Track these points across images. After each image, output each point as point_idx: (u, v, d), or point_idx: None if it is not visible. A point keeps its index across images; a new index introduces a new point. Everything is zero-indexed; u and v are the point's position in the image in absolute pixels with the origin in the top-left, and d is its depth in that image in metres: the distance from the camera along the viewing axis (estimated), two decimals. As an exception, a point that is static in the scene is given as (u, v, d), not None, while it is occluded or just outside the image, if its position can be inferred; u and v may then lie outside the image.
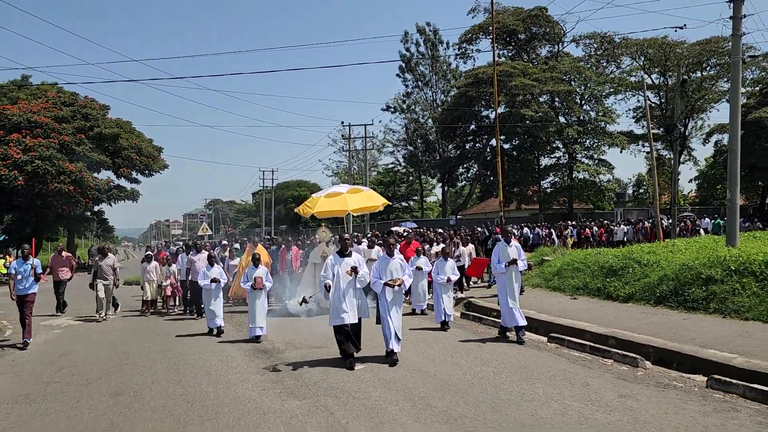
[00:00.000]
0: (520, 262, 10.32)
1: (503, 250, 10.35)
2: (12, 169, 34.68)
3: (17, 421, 6.42)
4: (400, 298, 8.97)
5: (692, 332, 9.79)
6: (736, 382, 6.78)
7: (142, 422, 6.18)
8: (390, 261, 8.92)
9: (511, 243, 10.49)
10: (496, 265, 10.34)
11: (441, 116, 49.00)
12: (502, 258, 10.28)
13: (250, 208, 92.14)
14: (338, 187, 17.71)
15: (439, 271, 12.22)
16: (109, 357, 9.79)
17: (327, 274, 8.59)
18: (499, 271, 10.32)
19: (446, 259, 12.37)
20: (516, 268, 10.30)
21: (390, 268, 8.83)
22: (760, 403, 6.18)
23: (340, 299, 8.47)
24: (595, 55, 47.36)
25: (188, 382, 7.86)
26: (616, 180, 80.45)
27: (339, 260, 8.70)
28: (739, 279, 11.53)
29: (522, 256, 10.42)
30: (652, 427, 5.49)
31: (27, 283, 11.31)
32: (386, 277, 8.74)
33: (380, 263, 8.99)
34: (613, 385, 7.00)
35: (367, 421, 5.94)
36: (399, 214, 61.25)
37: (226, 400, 6.88)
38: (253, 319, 10.70)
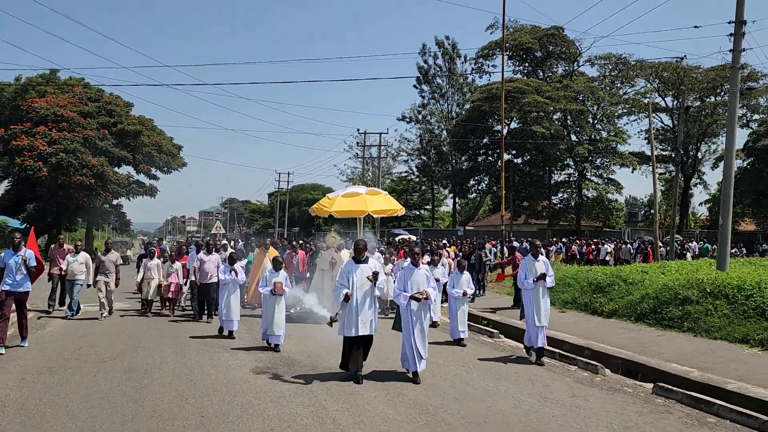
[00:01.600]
0: (548, 278, 9.76)
1: (530, 265, 9.81)
2: (37, 160, 36.07)
3: (42, 389, 7.36)
4: (426, 313, 8.33)
5: (662, 348, 10.51)
6: (676, 389, 7.57)
7: (150, 395, 7.10)
8: (415, 271, 8.24)
9: (539, 258, 9.95)
10: (522, 280, 9.84)
11: (455, 128, 49.88)
12: (529, 273, 9.75)
13: (265, 208, 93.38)
14: (356, 188, 17.22)
15: (455, 284, 11.62)
16: (123, 341, 10.73)
17: (343, 282, 7.92)
18: (526, 287, 9.76)
19: (462, 272, 11.73)
20: (544, 284, 9.71)
21: (415, 280, 8.15)
22: (693, 408, 6.97)
23: (355, 309, 7.82)
24: (610, 76, 48.00)
25: (192, 364, 8.79)
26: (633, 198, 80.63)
27: (355, 267, 7.98)
28: (713, 301, 12.26)
29: (550, 271, 9.90)
30: (590, 421, 6.33)
31: (18, 278, 9.70)
32: (411, 289, 8.09)
33: (405, 274, 8.33)
34: (569, 387, 7.82)
35: (345, 403, 6.81)
36: (410, 222, 62.03)
37: (224, 381, 7.79)
38: (270, 326, 9.98)
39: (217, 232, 55.61)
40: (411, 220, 62.73)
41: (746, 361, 9.25)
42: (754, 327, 10.81)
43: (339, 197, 15.73)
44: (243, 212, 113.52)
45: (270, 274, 10.35)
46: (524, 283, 9.78)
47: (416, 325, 8.07)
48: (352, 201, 15.52)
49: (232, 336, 11.11)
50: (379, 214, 16.55)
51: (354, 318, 7.82)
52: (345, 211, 15.87)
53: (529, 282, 9.66)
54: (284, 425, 6.06)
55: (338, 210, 15.50)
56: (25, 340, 10.12)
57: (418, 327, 8.07)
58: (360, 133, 49.69)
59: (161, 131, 46.48)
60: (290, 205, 70.37)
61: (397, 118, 62.59)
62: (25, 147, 36.36)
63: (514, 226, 49.86)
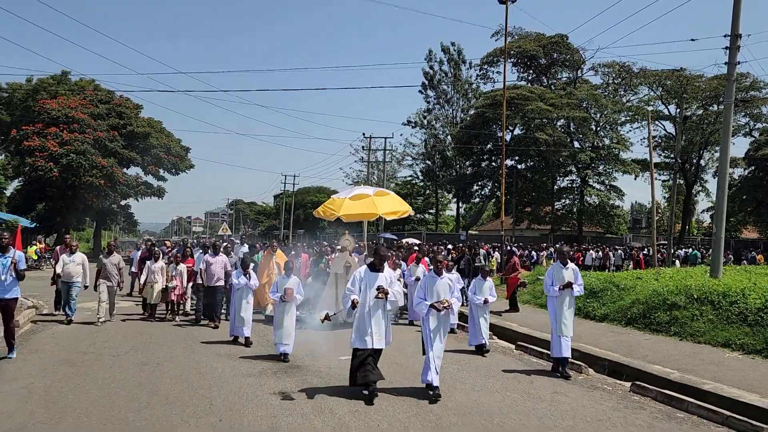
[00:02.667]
0: (576, 287, 9.44)
1: (558, 272, 9.46)
2: (48, 160, 36.85)
3: (63, 378, 7.96)
4: (447, 324, 7.91)
5: (648, 350, 11.01)
6: (651, 387, 8.10)
7: (163, 385, 7.69)
8: (437, 280, 7.77)
9: (568, 265, 9.59)
10: (548, 287, 9.51)
11: (459, 134, 50.46)
12: (556, 280, 9.40)
13: (270, 210, 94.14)
14: (363, 189, 16.45)
15: (476, 290, 11.17)
16: (136, 337, 11.32)
17: (353, 289, 7.52)
18: (551, 294, 9.42)
19: (485, 278, 11.31)
20: (571, 293, 9.39)
21: (437, 289, 7.70)
22: (665, 405, 7.51)
23: (367, 319, 7.40)
24: (613, 84, 48.50)
25: (201, 359, 9.37)
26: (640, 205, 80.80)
27: (371, 275, 7.59)
28: (699, 306, 12.78)
29: (579, 280, 9.57)
30: (566, 414, 6.88)
31: (5, 282, 8.80)
32: (432, 298, 7.64)
33: (426, 282, 7.91)
34: (553, 385, 8.37)
35: (343, 396, 7.38)
36: (414, 226, 62.58)
37: (231, 374, 8.37)
38: (280, 334, 9.45)
39: (223, 233, 56.28)
40: (415, 224, 63.28)
41: (726, 364, 9.76)
42: (736, 332, 11.31)
43: (347, 199, 15.07)
44: (249, 214, 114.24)
45: (281, 279, 9.77)
46: (550, 290, 9.45)
47: (436, 337, 7.60)
48: (361, 204, 14.91)
49: (250, 342, 10.69)
50: (389, 216, 15.76)
51: (365, 329, 7.38)
52: (354, 215, 15.20)
53: (555, 289, 9.34)
54: (286, 413, 6.63)
55: (347, 213, 14.85)
56: (14, 351, 9.16)
57: (438, 338, 7.61)
58: (365, 137, 50.41)
59: (170, 133, 47.29)
60: (296, 207, 71.03)
61: (402, 123, 63.32)
62: (37, 147, 37.16)
63: (517, 231, 50.37)
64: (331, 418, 6.53)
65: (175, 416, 6.42)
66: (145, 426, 6.08)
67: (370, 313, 7.42)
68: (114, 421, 6.17)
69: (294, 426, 6.22)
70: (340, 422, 6.39)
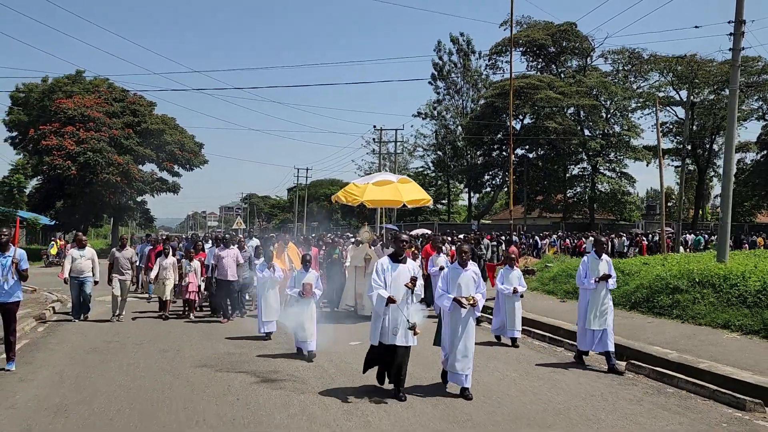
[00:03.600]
0: (611, 280, 9.11)
1: (593, 264, 9.10)
2: (66, 159, 37.69)
3: (91, 365, 8.51)
4: (473, 321, 7.35)
5: (649, 333, 11.36)
6: (644, 365, 8.49)
7: (184, 369, 8.22)
8: (462, 273, 7.25)
9: (602, 256, 9.22)
10: (582, 279, 9.12)
11: (469, 124, 50.69)
12: (590, 272, 9.04)
13: (284, 203, 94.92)
14: (386, 175, 15.86)
15: (504, 280, 10.85)
16: (156, 328, 11.87)
17: (378, 282, 7.03)
18: (587, 286, 9.01)
19: (512, 267, 11.01)
20: (607, 286, 9.04)
21: (461, 282, 7.18)
22: (657, 381, 7.91)
23: (390, 314, 6.94)
24: (623, 70, 48.42)
25: (219, 347, 9.90)
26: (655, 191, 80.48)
27: (392, 266, 7.13)
28: (701, 290, 13.10)
29: (613, 272, 9.25)
30: (561, 390, 7.31)
31: (6, 284, 7.85)
32: (455, 291, 7.16)
33: (450, 274, 7.36)
34: (552, 364, 8.78)
35: (350, 376, 7.85)
36: (427, 216, 62.96)
37: (248, 360, 8.87)
38: (302, 333, 8.97)
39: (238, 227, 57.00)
40: (427, 215, 63.67)
41: (724, 345, 10.10)
42: (735, 314, 11.64)
43: (370, 185, 14.54)
44: (263, 207, 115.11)
45: (298, 274, 9.31)
46: (584, 282, 9.04)
47: (462, 334, 7.16)
48: (385, 190, 14.43)
49: (269, 337, 10.51)
50: (412, 204, 15.29)
51: (389, 324, 6.92)
52: (378, 201, 14.82)
53: (591, 282, 8.93)
54: (298, 391, 7.13)
55: (371, 199, 14.38)
56: (13, 362, 8.10)
57: (464, 336, 7.17)
58: (376, 129, 50.81)
59: (183, 129, 47.96)
60: (309, 200, 71.65)
61: (413, 114, 63.56)
62: (54, 146, 38.01)
63: (528, 220, 50.58)
64: (341, 395, 6.97)
65: (196, 397, 6.92)
66: (170, 405, 6.58)
67: (393, 307, 6.90)
68: (141, 401, 6.68)
69: (305, 403, 6.68)
70: (353, 407, 6.67)
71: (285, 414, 6.32)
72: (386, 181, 14.76)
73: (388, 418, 6.24)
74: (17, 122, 44.18)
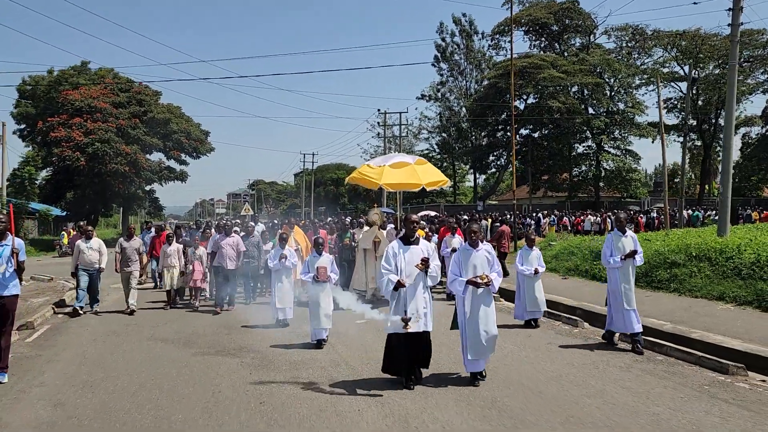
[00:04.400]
0: (638, 256, 8.77)
1: (617, 241, 8.79)
2: (75, 150, 38.20)
3: (111, 346, 9.01)
4: (490, 302, 6.94)
5: (647, 306, 11.72)
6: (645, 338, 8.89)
7: (199, 348, 8.69)
8: (473, 253, 6.91)
9: (627, 233, 8.91)
10: (607, 257, 8.81)
11: (472, 105, 50.79)
12: (615, 250, 8.73)
13: (291, 189, 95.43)
14: (401, 156, 15.10)
15: (524, 261, 10.64)
16: (171, 313, 12.33)
17: (390, 267, 6.66)
18: (612, 265, 8.71)
19: (531, 247, 10.80)
20: (633, 263, 8.72)
21: (474, 263, 6.84)
22: (647, 350, 8.30)
23: (403, 300, 6.59)
24: (627, 47, 48.29)
25: (233, 328, 10.38)
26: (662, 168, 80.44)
27: (404, 249, 6.76)
28: (697, 263, 13.47)
29: (639, 248, 8.84)
30: (555, 359, 7.75)
31: (4, 276, 7.01)
32: (468, 273, 6.81)
33: (460, 256, 6.98)
34: (548, 338, 9.22)
35: (359, 350, 8.29)
36: (433, 198, 63.30)
37: (259, 338, 9.34)
38: (317, 319, 8.64)
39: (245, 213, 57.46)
40: (434, 197, 63.99)
41: (718, 315, 10.50)
42: (730, 286, 12.01)
43: (386, 167, 13.76)
44: (270, 193, 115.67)
45: (312, 258, 8.98)
46: (609, 261, 8.74)
47: (477, 318, 6.77)
48: (403, 173, 13.73)
49: (286, 324, 10.26)
50: (431, 186, 14.59)
51: (402, 311, 6.57)
52: (397, 184, 14.07)
53: (616, 260, 8.66)
54: (309, 363, 7.59)
55: (390, 182, 13.72)
56: (5, 373, 7.13)
57: (482, 319, 6.77)
58: (380, 113, 51.01)
59: (189, 118, 48.29)
60: (316, 185, 72.07)
61: (417, 97, 63.52)
62: (63, 138, 38.49)
63: (534, 199, 50.81)
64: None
65: (211, 371, 7.39)
66: (189, 377, 7.08)
67: (407, 291, 6.57)
68: (160, 378, 7.15)
69: (314, 376, 7.13)
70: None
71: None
72: (403, 163, 14.01)
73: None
74: (25, 115, 44.71)
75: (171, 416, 5.77)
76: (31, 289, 16.56)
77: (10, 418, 5.77)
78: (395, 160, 14.21)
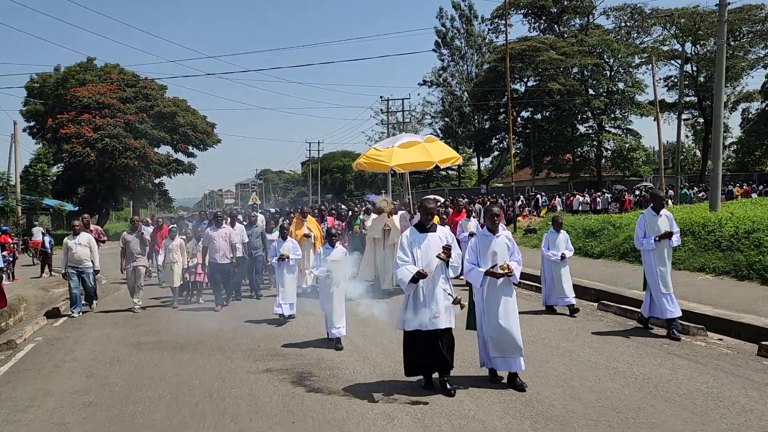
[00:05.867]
0: (675, 237, 8.18)
1: (651, 221, 8.16)
2: (85, 146, 39.16)
3: (132, 327, 9.88)
4: (511, 293, 6.19)
5: (631, 279, 12.44)
6: (611, 304, 9.68)
7: (211, 327, 9.50)
8: (493, 240, 6.19)
9: (661, 212, 8.22)
10: (640, 239, 8.24)
11: (474, 89, 51.26)
12: (649, 231, 8.14)
13: (298, 177, 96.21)
14: (409, 136, 14.51)
15: (550, 245, 10.05)
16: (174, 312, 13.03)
17: (405, 257, 5.99)
18: (646, 247, 8.16)
19: (558, 231, 10.19)
20: (669, 244, 8.13)
21: (493, 250, 6.14)
22: (621, 317, 9.08)
23: (421, 294, 5.92)
24: (626, 27, 48.51)
25: (241, 314, 11.21)
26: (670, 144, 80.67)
27: (420, 237, 6.07)
28: (682, 237, 14.11)
29: (676, 228, 8.24)
30: (534, 326, 8.54)
31: None
32: (486, 262, 6.11)
33: (479, 243, 6.25)
34: (532, 308, 9.97)
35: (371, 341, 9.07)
36: (439, 183, 63.99)
37: (267, 321, 10.12)
38: (331, 317, 7.96)
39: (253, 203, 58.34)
40: (439, 181, 64.67)
41: (696, 285, 11.22)
42: (711, 257, 12.71)
43: (395, 148, 13.15)
44: (278, 182, 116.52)
45: (325, 250, 8.19)
46: (643, 242, 8.18)
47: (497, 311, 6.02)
48: (414, 152, 13.11)
49: (284, 319, 9.71)
50: (444, 164, 13.88)
51: (420, 306, 5.90)
52: (409, 164, 13.34)
53: (649, 242, 8.08)
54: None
55: (401, 163, 12.97)
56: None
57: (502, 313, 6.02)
58: (383, 99, 51.64)
59: (195, 110, 49.01)
60: (322, 173, 72.85)
61: (418, 83, 63.95)
62: (73, 134, 39.45)
63: (537, 180, 51.39)
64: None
65: (225, 346, 8.22)
66: (208, 352, 7.90)
67: (425, 285, 5.90)
68: (181, 349, 7.99)
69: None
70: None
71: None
72: (412, 142, 13.38)
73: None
74: (34, 112, 45.62)
75: (190, 382, 6.59)
76: (50, 281, 17.55)
77: (51, 387, 6.63)
78: (403, 140, 13.67)
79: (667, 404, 5.32)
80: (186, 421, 5.42)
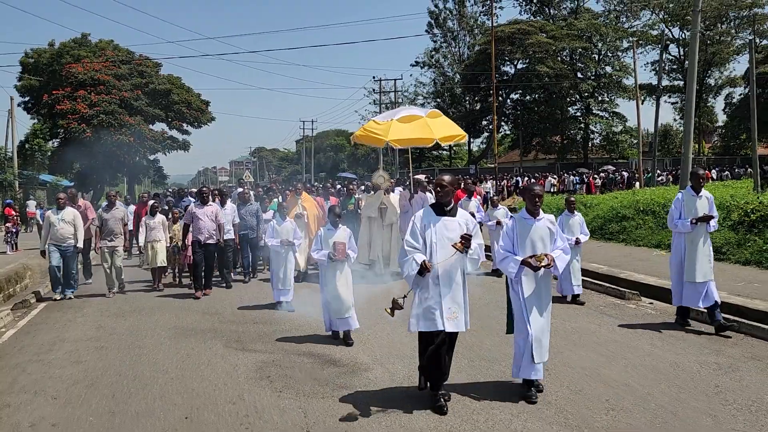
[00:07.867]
0: (713, 221, 7.37)
1: (689, 202, 7.40)
2: (80, 122, 39.82)
3: (130, 291, 10.86)
4: (549, 288, 5.40)
5: (595, 254, 13.53)
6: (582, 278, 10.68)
7: (199, 307, 10.52)
8: (533, 224, 5.32)
9: (701, 193, 7.39)
10: (675, 220, 7.47)
11: (464, 71, 51.98)
12: (686, 213, 7.38)
13: (293, 156, 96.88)
14: (412, 109, 13.61)
15: (564, 228, 9.01)
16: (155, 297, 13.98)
17: (415, 243, 5.05)
18: (681, 229, 7.39)
19: (572, 212, 9.39)
20: (707, 228, 7.34)
21: (532, 237, 5.28)
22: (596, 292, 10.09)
23: (436, 288, 4.97)
24: (615, 11, 49.23)
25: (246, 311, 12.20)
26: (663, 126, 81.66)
27: (435, 220, 5.07)
28: (643, 216, 15.27)
29: (715, 212, 7.44)
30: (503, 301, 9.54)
31: None
32: (524, 250, 5.26)
33: (517, 227, 5.37)
34: (501, 288, 11.03)
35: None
36: (431, 163, 64.89)
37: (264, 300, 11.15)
38: (338, 305, 7.01)
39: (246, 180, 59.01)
40: (431, 161, 65.56)
41: (650, 260, 12.33)
42: (667, 235, 13.69)
43: (394, 121, 12.21)
44: (272, 160, 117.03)
45: (326, 232, 7.29)
46: (677, 224, 7.41)
47: (532, 308, 5.22)
48: (414, 127, 12.16)
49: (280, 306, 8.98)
50: (446, 141, 12.96)
51: (434, 302, 4.96)
52: (406, 140, 12.38)
53: (685, 223, 7.31)
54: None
55: (398, 138, 12.03)
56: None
57: (535, 311, 5.23)
58: (376, 80, 52.31)
59: (189, 88, 49.44)
60: (316, 152, 73.61)
61: (411, 64, 64.50)
62: (68, 110, 40.07)
63: (526, 162, 52.40)
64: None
65: (216, 304, 9.26)
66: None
67: (440, 277, 4.97)
68: (176, 308, 9.02)
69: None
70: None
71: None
72: (413, 116, 12.37)
73: None
74: (29, 87, 45.98)
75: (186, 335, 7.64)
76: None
77: (66, 335, 7.70)
78: (404, 114, 12.62)
79: (584, 350, 6.41)
80: (186, 358, 6.47)
